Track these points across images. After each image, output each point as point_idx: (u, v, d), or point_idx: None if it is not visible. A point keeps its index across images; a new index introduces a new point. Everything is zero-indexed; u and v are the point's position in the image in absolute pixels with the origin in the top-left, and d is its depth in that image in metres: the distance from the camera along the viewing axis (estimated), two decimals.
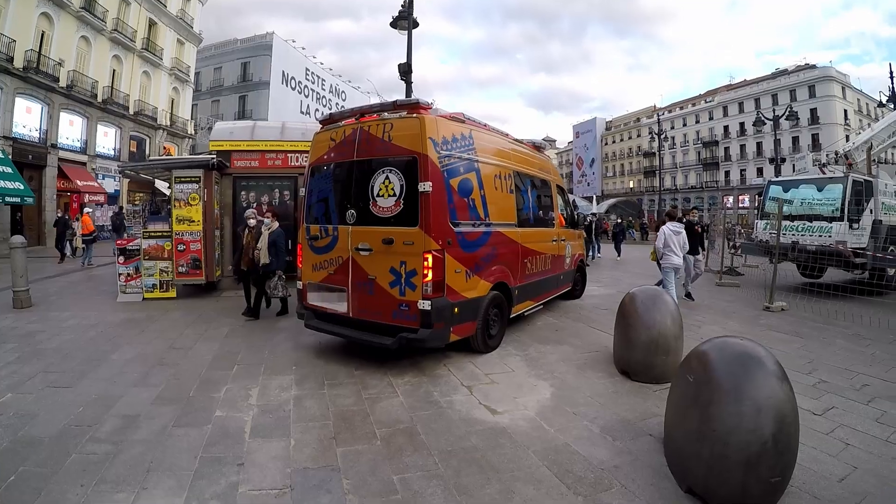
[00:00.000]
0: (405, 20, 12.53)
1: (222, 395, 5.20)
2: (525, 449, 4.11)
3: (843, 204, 12.03)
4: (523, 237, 7.81)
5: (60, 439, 4.17)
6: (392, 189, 6.05)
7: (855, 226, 11.97)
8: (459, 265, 6.17)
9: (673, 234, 9.44)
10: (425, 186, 5.77)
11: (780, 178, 16.30)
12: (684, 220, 11.62)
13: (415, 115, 6.05)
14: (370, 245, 6.15)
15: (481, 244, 6.70)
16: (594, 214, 27.81)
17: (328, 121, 7.06)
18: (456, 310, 6.04)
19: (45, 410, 4.75)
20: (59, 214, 20.94)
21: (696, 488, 3.38)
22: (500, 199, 7.32)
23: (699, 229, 11.68)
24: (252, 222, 9.08)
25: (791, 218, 12.52)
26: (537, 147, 9.95)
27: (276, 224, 8.74)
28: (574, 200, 12.79)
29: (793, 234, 12.49)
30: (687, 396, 3.55)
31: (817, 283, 11.16)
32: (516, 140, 8.75)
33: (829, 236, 12.06)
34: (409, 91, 12.55)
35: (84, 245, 17.55)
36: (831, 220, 12.22)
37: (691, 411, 3.46)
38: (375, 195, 6.18)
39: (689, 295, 11.01)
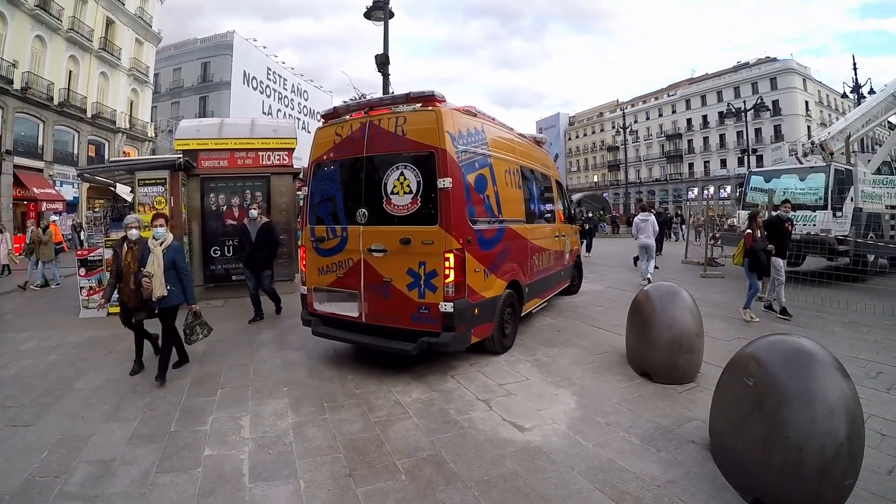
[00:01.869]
0: (381, 10, 11.92)
1: (209, 428, 4.55)
2: (569, 470, 3.71)
3: (825, 193, 12.24)
4: (531, 233, 7.66)
5: (24, 496, 3.50)
6: (408, 186, 5.69)
7: (838, 214, 12.27)
8: (478, 264, 5.90)
9: (640, 222, 12.58)
10: (445, 183, 5.45)
11: (761, 169, 16.60)
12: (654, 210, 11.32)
13: (430, 107, 5.71)
14: (385, 245, 5.80)
15: (497, 241, 6.46)
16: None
17: (332, 115, 6.61)
18: (476, 311, 5.78)
19: (3, 457, 4.06)
20: None
21: (766, 499, 3.18)
22: (511, 195, 7.10)
23: (790, 227, 9.45)
24: (134, 234, 6.06)
25: (774, 208, 12.43)
26: (538, 142, 9.80)
27: (171, 236, 6.01)
28: (570, 195, 12.51)
29: None
30: (746, 402, 3.36)
31: (798, 271, 11.36)
32: (520, 134, 8.53)
33: (814, 225, 12.33)
34: (385, 83, 11.98)
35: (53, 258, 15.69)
36: (815, 208, 12.47)
37: (755, 418, 3.26)
38: (389, 192, 5.80)
39: (769, 307, 9.11)
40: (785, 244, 9.13)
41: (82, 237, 17.62)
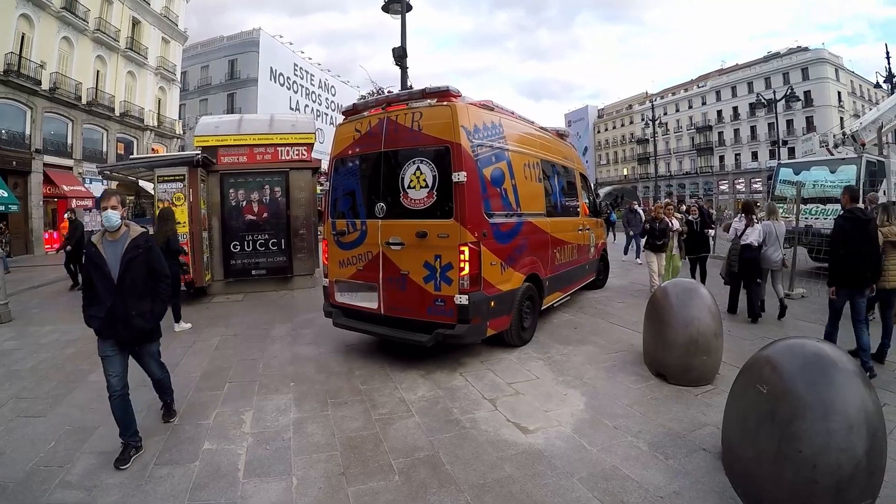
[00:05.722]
0: (398, 2, 11.85)
1: (211, 423, 4.60)
2: (569, 477, 3.59)
3: (857, 185, 11.70)
4: (552, 227, 7.66)
5: (27, 484, 3.57)
6: (424, 180, 5.80)
7: (870, 207, 11.57)
8: (495, 257, 5.98)
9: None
10: (460, 176, 5.53)
11: (790, 161, 16.08)
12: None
13: (445, 102, 5.79)
14: (402, 239, 5.92)
15: (514, 235, 6.52)
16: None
17: (352, 111, 6.75)
18: (492, 303, 5.85)
19: (12, 447, 4.17)
20: None
21: None
22: (530, 189, 7.14)
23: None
24: None
25: (804, 201, 12.08)
26: (561, 135, 9.75)
27: None
28: (596, 188, 12.29)
29: (805, 218, 12.12)
30: (759, 411, 3.13)
31: (823, 267, 10.73)
32: (541, 128, 8.53)
33: None
34: (404, 77, 11.92)
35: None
36: None
37: (767, 428, 3.02)
38: (406, 187, 5.93)
39: None
40: None
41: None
